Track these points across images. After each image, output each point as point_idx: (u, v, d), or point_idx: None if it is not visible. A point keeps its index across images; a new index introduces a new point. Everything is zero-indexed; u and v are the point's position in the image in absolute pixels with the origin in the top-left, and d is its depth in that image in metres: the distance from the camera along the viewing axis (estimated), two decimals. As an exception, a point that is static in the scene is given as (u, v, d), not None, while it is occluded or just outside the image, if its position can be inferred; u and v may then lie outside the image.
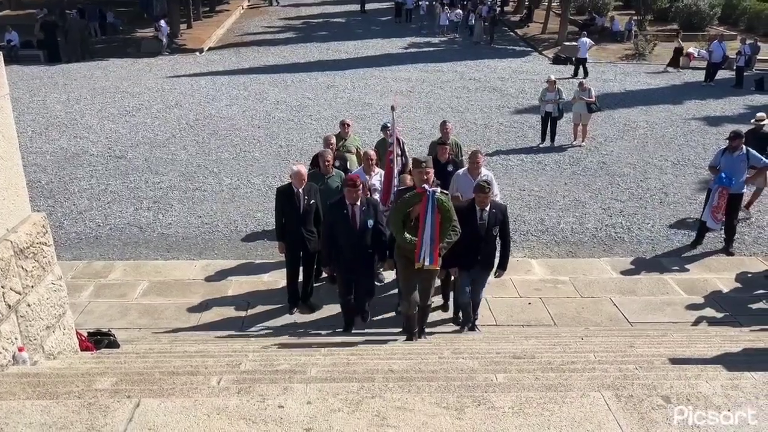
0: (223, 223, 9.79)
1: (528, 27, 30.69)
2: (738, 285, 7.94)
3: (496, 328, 6.95)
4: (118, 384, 3.66)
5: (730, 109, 17.00)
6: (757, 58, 21.51)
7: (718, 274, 8.20)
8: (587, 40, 21.12)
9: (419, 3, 33.90)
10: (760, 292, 7.75)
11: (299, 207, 6.84)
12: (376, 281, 7.14)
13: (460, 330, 6.71)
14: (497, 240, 6.36)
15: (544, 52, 25.32)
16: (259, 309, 7.30)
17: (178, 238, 9.36)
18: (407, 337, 6.18)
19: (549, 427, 2.83)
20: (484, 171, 7.25)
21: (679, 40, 22.35)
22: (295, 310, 7.22)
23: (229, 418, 2.87)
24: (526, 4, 33.61)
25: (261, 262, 8.50)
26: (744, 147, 8.64)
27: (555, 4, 32.09)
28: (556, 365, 4.48)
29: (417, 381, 3.66)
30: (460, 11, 30.78)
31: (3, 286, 3.86)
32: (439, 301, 7.22)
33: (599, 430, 2.82)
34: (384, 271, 7.62)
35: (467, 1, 33.12)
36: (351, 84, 19.57)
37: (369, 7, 35.57)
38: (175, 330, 6.85)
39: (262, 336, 6.59)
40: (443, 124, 8.76)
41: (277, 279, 7.87)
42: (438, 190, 5.69)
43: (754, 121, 10.43)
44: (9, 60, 18.40)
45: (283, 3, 37.68)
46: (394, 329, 6.65)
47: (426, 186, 5.66)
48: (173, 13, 27.56)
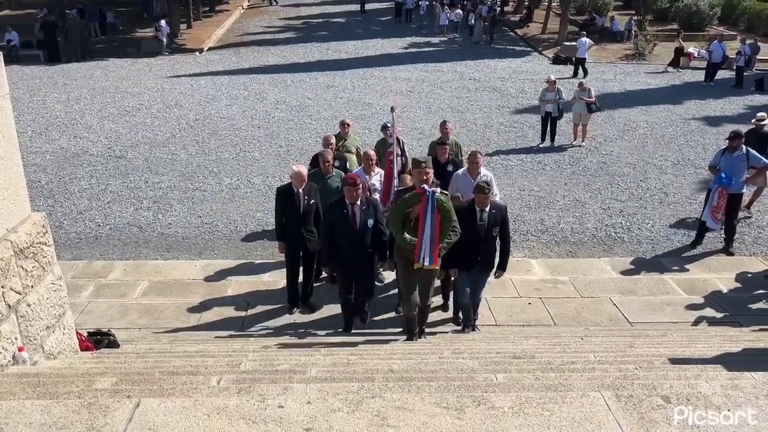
0: (223, 223, 9.79)
1: (528, 27, 30.69)
2: (738, 285, 7.94)
3: (496, 328, 6.95)
4: (118, 384, 3.66)
5: (730, 109, 17.00)
6: (757, 58, 21.50)
7: (718, 274, 8.20)
8: (586, 39, 21.13)
9: (419, 3, 33.90)
10: (760, 292, 7.75)
11: (299, 207, 6.84)
12: (376, 281, 7.14)
13: (460, 330, 6.71)
14: (497, 240, 6.36)
15: (544, 52, 25.32)
16: (259, 309, 7.30)
17: (178, 238, 9.36)
18: (407, 337, 6.18)
19: (549, 427, 2.83)
20: (484, 171, 7.25)
21: (680, 40, 22.35)
22: (295, 310, 7.22)
23: (229, 418, 2.87)
24: (526, 4, 33.62)
25: (261, 262, 8.51)
26: (744, 147, 8.65)
27: (555, 4, 32.09)
28: (556, 365, 4.48)
29: (417, 381, 3.65)
30: (460, 11, 30.77)
31: (3, 286, 3.86)
32: (439, 301, 7.22)
33: (599, 430, 2.82)
34: (384, 272, 7.62)
35: (467, 1, 33.07)
36: (351, 84, 19.56)
37: (369, 7, 35.55)
38: (175, 330, 6.85)
39: (262, 336, 6.59)
40: (443, 124, 8.76)
41: (277, 279, 7.87)
42: (438, 190, 5.69)
43: (754, 121, 10.42)
44: (9, 60, 18.39)
45: (283, 3, 37.64)
46: (394, 329, 6.66)
47: (426, 186, 5.65)
48: (173, 13, 27.55)
